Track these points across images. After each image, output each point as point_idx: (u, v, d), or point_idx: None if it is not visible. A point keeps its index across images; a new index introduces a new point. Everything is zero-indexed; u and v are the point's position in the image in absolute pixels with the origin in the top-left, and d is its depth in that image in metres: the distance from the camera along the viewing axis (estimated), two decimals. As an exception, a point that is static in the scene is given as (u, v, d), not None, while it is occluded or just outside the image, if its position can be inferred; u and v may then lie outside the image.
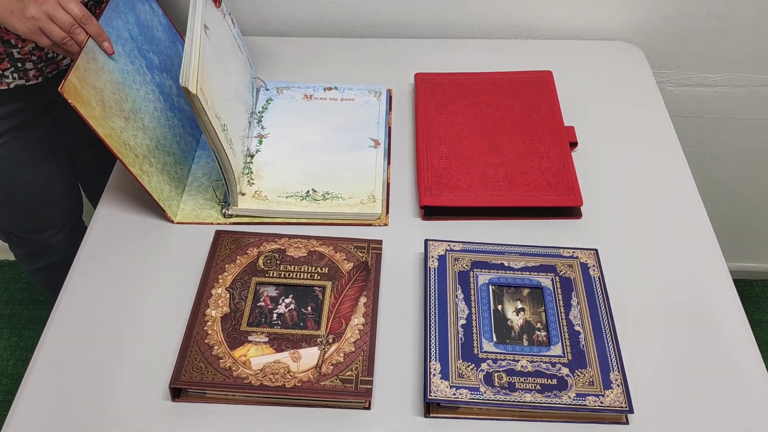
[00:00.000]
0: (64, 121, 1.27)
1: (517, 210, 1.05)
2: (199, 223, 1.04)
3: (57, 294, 0.96)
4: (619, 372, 0.84)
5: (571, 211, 1.06)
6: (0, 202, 1.27)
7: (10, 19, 0.93)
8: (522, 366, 0.85)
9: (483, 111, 1.19)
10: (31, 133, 1.21)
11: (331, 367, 0.84)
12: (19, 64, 1.08)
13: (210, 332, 0.88)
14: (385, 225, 1.04)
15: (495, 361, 0.85)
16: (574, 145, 1.15)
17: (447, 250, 0.97)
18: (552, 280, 0.94)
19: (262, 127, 1.17)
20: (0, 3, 0.92)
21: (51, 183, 1.30)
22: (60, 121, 1.26)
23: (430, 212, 1.06)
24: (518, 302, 0.92)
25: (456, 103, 1.21)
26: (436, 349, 0.86)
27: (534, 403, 0.81)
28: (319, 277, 0.94)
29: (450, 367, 0.84)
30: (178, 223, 1.04)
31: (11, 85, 1.10)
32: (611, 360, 0.85)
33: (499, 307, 0.91)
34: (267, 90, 1.24)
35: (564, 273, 0.94)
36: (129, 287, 0.96)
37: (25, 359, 1.79)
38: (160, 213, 1.04)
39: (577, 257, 0.96)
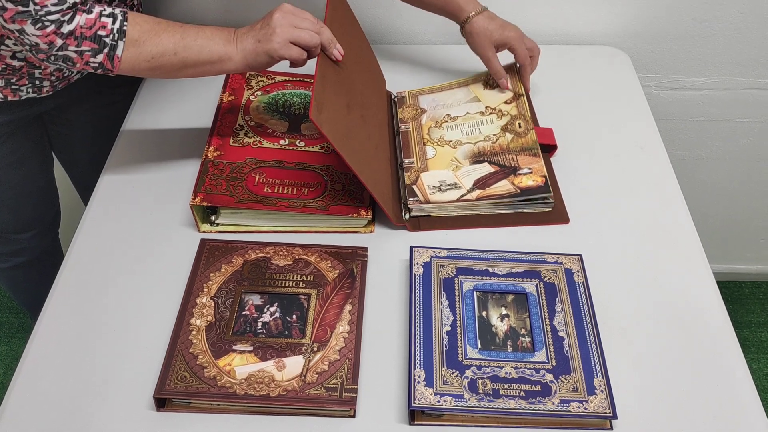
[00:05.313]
0: (59, 125, 1.28)
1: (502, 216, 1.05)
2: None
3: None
4: (603, 378, 0.84)
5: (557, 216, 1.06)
6: None
7: (260, 47, 0.97)
8: (506, 372, 0.85)
9: None
10: (23, 135, 1.22)
11: (316, 376, 0.84)
12: (37, 82, 1.11)
13: (195, 341, 0.88)
14: (371, 232, 1.04)
15: (479, 367, 0.85)
16: (554, 148, 1.15)
17: (432, 256, 0.97)
18: (536, 286, 0.94)
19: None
20: (246, 41, 0.97)
21: (36, 184, 1.31)
22: (50, 124, 1.27)
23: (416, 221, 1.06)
24: (503, 308, 0.92)
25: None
26: (420, 356, 0.86)
27: (518, 409, 0.81)
28: (304, 285, 0.94)
29: (434, 375, 0.84)
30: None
31: (23, 98, 1.12)
32: (595, 366, 0.86)
33: (484, 313, 0.91)
34: None
35: (548, 279, 0.95)
36: (114, 296, 0.96)
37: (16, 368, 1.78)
38: (146, 221, 1.04)
39: (561, 263, 0.97)
